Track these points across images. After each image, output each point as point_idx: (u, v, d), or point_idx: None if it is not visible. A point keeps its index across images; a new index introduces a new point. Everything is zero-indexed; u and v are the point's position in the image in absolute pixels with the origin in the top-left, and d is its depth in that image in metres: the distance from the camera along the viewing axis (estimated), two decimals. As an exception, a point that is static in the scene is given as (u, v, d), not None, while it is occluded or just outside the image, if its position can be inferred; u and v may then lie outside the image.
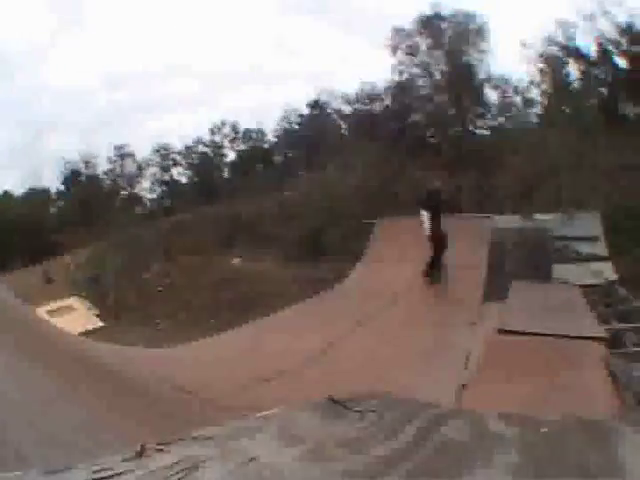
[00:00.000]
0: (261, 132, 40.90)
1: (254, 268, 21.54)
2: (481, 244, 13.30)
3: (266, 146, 40.92)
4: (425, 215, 12.31)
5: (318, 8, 57.63)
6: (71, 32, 67.69)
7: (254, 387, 5.94)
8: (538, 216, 15.98)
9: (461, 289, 10.89)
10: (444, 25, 32.04)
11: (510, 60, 55.01)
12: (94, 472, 1.52)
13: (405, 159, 26.23)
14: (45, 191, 41.79)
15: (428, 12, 31.94)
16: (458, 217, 15.21)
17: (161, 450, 1.69)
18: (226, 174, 40.93)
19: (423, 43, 32.07)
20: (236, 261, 23.03)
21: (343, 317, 9.38)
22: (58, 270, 27.25)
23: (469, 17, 31.92)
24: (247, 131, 41.21)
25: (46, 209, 41.07)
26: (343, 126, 36.35)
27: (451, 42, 31.51)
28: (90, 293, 23.34)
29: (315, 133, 34.81)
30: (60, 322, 14.67)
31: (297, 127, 38.95)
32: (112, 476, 1.48)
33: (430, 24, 31.96)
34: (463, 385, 5.26)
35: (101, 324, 20.54)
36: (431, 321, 8.79)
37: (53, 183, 42.26)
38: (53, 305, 20.58)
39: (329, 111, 37.60)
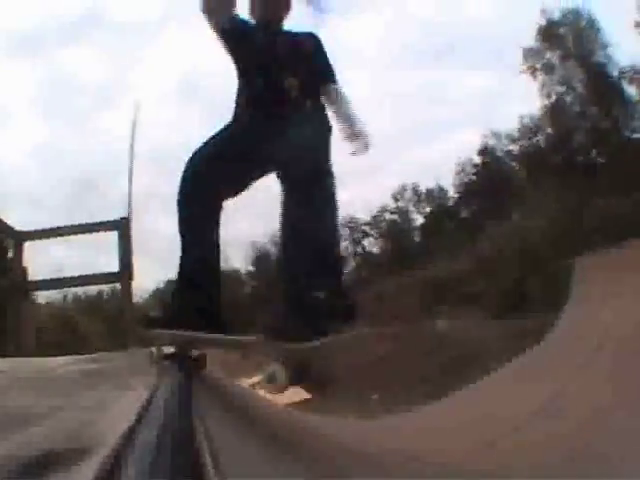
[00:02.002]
0: (442, 190, 41.13)
1: (459, 329, 21.41)
2: None
3: (450, 203, 41.01)
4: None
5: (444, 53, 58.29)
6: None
7: (483, 450, 5.96)
8: None
9: None
10: (561, 30, 31.36)
11: (628, 46, 52.18)
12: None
13: (582, 187, 25.57)
14: (236, 272, 44.11)
15: (541, 22, 31.45)
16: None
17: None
18: (417, 237, 41.25)
19: (554, 56, 31.52)
20: (440, 324, 23.00)
21: (559, 367, 9.28)
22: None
23: (576, 14, 31.14)
24: (429, 192, 41.56)
25: (239, 288, 43.31)
26: (516, 166, 35.93)
27: (575, 45, 30.77)
28: (291, 365, 23.92)
29: (492, 180, 34.65)
30: (265, 394, 15.18)
31: (474, 177, 38.85)
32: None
33: (549, 33, 31.41)
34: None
35: (307, 396, 20.80)
36: None
37: (244, 266, 44.67)
38: (255, 378, 21.17)
39: (499, 154, 37.37)
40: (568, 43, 31.10)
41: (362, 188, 62.19)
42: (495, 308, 21.93)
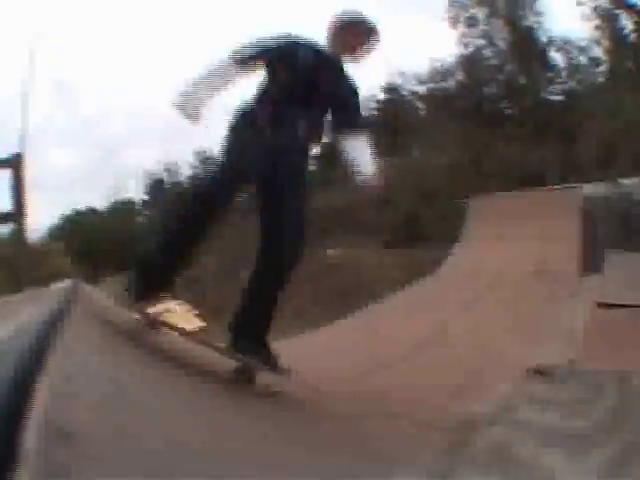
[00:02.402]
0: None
1: (351, 257, 21.59)
2: (572, 215, 13.02)
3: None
4: None
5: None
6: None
7: (371, 374, 6.06)
8: (623, 181, 15.62)
9: (558, 263, 10.82)
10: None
11: (568, 19, 53.87)
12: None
13: (486, 134, 26.04)
14: (130, 202, 43.18)
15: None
16: (546, 190, 15.10)
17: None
18: (312, 166, 41.40)
19: (480, 12, 31.75)
20: (331, 251, 23.10)
21: (448, 300, 9.55)
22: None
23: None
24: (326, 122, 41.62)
25: (132, 219, 42.41)
26: (420, 107, 36.13)
27: (507, 8, 31.11)
28: (188, 295, 23.84)
29: (394, 117, 34.78)
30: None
31: (376, 112, 38.91)
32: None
33: None
34: (570, 361, 5.33)
35: (202, 324, 20.79)
36: (533, 298, 8.84)
37: (137, 195, 43.80)
38: (152, 309, 20.92)
39: (405, 93, 37.45)
40: (498, 3, 31.29)
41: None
42: (388, 239, 22.21)
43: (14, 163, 8.89)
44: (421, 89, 35.65)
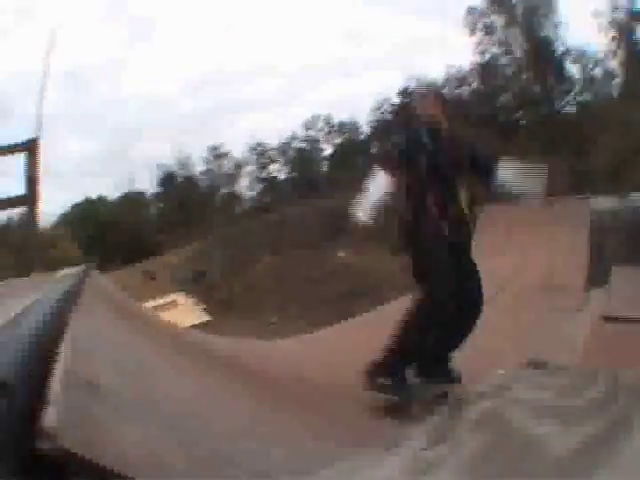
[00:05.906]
0: (355, 124, 41.17)
1: (361, 261, 21.58)
2: (581, 227, 13.17)
3: (362, 137, 41.01)
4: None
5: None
6: (149, 41, 69.88)
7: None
8: (634, 195, 15.63)
9: (565, 275, 10.79)
10: (514, 0, 31.54)
11: (584, 31, 53.42)
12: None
13: (497, 143, 25.97)
14: (140, 194, 43.10)
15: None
16: (556, 200, 15.09)
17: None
18: (324, 168, 41.31)
19: (498, 21, 31.69)
20: (342, 254, 23.07)
21: None
22: (159, 268, 27.88)
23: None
24: (341, 124, 41.51)
25: (143, 211, 42.34)
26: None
27: (524, 17, 30.98)
28: (195, 289, 23.88)
29: (407, 120, 34.84)
30: (167, 317, 15.12)
31: (390, 116, 38.86)
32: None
33: (501, 0, 31.53)
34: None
35: (208, 318, 20.87)
36: (536, 308, 8.84)
37: (147, 187, 43.72)
38: (158, 301, 20.93)
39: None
40: (517, 12, 31.17)
41: (274, 116, 61.55)
42: (398, 244, 22.16)
43: (30, 147, 8.86)
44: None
